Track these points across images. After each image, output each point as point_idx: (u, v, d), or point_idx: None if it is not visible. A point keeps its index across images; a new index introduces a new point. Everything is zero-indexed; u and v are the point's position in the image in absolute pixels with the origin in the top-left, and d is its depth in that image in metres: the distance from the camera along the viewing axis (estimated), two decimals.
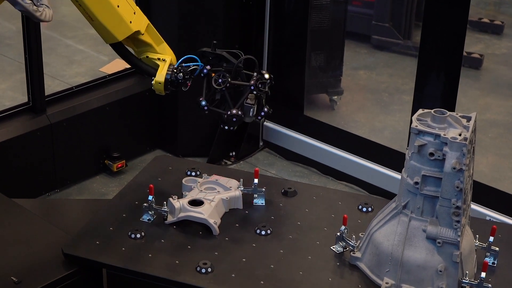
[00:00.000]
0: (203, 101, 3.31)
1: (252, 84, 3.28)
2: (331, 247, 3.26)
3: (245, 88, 3.32)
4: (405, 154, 3.01)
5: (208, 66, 3.34)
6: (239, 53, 3.37)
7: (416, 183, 2.92)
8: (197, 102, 3.32)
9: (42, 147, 5.13)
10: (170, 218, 3.37)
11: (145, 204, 3.40)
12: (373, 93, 6.88)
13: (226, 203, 3.48)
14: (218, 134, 5.69)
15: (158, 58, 3.34)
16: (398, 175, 4.27)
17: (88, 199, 5.07)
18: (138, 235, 3.29)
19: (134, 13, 3.24)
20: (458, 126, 2.93)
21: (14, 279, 3.10)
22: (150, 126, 5.78)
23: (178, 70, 3.30)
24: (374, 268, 3.07)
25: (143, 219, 3.40)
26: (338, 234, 3.22)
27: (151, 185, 3.38)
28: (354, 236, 3.21)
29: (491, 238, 3.16)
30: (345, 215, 3.18)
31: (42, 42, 5.01)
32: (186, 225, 3.37)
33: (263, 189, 3.56)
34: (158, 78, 3.30)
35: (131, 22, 3.20)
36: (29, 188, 5.11)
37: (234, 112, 3.27)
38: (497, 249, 3.18)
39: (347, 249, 3.21)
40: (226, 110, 3.31)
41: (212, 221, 3.32)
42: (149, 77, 3.38)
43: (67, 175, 5.36)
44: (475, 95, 6.96)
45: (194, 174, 3.73)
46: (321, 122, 5.89)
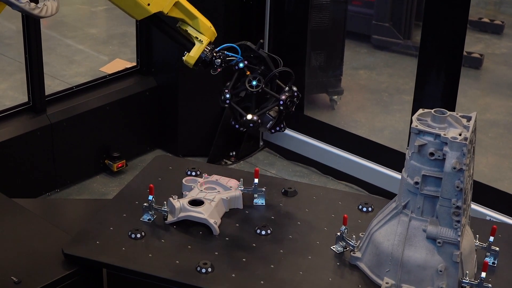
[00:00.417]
0: (228, 93, 3.21)
1: (282, 98, 3.18)
2: (331, 247, 3.25)
3: (271, 97, 3.23)
4: (405, 154, 3.00)
5: (245, 62, 3.24)
6: (279, 60, 3.26)
7: (416, 183, 2.92)
8: (220, 91, 3.22)
9: (42, 147, 5.13)
10: (170, 218, 3.37)
11: (145, 204, 3.40)
12: (373, 93, 6.88)
13: (226, 203, 3.48)
14: (218, 134, 5.69)
15: (196, 37, 3.27)
16: (398, 175, 4.27)
17: (88, 199, 5.08)
18: (138, 235, 3.29)
19: None
20: (458, 126, 2.93)
21: (14, 279, 3.09)
22: (150, 126, 5.78)
23: (217, 55, 3.23)
24: (374, 268, 3.07)
25: (143, 219, 3.40)
26: (338, 234, 3.22)
27: (151, 185, 3.38)
28: (354, 236, 3.21)
29: (491, 238, 3.16)
30: (345, 215, 3.18)
31: (42, 41, 5.01)
32: (186, 225, 3.37)
33: (263, 189, 3.56)
34: (189, 59, 3.24)
35: (149, 5, 3.11)
36: (29, 188, 5.11)
37: (255, 118, 3.19)
38: (497, 249, 3.18)
39: (347, 249, 3.21)
40: (246, 112, 3.22)
41: (212, 221, 3.32)
42: (184, 50, 3.31)
43: (67, 175, 5.36)
44: (475, 95, 6.96)
45: (194, 174, 3.73)
46: (321, 122, 5.89)
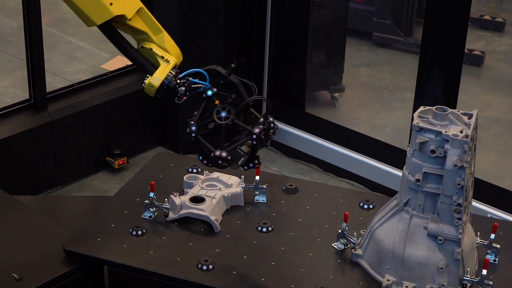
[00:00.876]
0: (194, 125, 2.87)
1: (256, 132, 2.83)
2: (332, 244, 3.26)
3: (244, 131, 2.90)
4: (406, 151, 3.00)
5: (215, 89, 2.90)
6: (253, 86, 2.91)
7: (417, 180, 2.92)
8: (185, 123, 2.90)
9: (44, 144, 5.13)
10: (171, 215, 3.37)
11: (146, 201, 3.40)
12: (374, 90, 6.88)
13: (227, 200, 3.48)
14: None
15: (162, 56, 2.90)
16: (399, 172, 4.27)
17: (89, 196, 5.07)
18: (140, 232, 3.29)
19: None
20: (459, 123, 2.93)
21: (15, 276, 3.10)
22: (151, 123, 5.78)
23: (182, 82, 2.87)
24: (375, 265, 3.07)
25: (144, 216, 3.40)
26: (339, 231, 3.22)
27: (153, 182, 3.38)
28: (355, 233, 3.21)
29: (492, 236, 3.16)
30: (346, 212, 3.18)
31: (43, 39, 5.01)
32: (187, 222, 3.37)
33: (264, 186, 3.56)
34: (153, 81, 2.86)
35: (112, 4, 2.79)
36: (30, 185, 5.12)
37: (224, 155, 2.84)
38: (498, 246, 3.18)
39: (348, 246, 3.21)
40: (214, 147, 2.89)
41: (213, 218, 3.32)
42: (144, 72, 2.92)
43: (69, 172, 5.36)
44: (477, 92, 6.95)
45: (195, 171, 3.73)
46: (322, 119, 5.89)
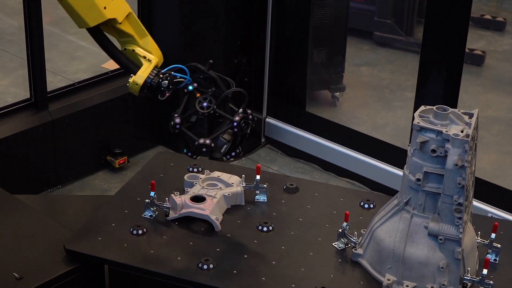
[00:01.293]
0: (178, 118, 3.04)
1: (236, 120, 3.01)
2: (333, 244, 3.26)
3: (225, 121, 3.07)
4: (407, 150, 3.00)
5: (195, 84, 3.08)
6: (231, 82, 3.10)
7: (418, 180, 2.92)
8: (169, 117, 3.05)
9: (44, 143, 5.14)
10: (172, 214, 3.38)
11: (147, 200, 3.41)
12: (375, 89, 6.88)
13: (228, 200, 3.48)
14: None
15: (144, 57, 3.06)
16: (400, 172, 4.27)
17: (90, 195, 5.08)
18: (140, 231, 3.29)
19: None
20: (460, 122, 2.93)
21: (16, 275, 3.10)
22: (152, 123, 5.78)
23: (164, 76, 3.03)
24: (376, 264, 3.07)
25: (145, 215, 3.41)
26: (340, 230, 3.22)
27: (153, 181, 3.38)
28: (356, 232, 3.21)
29: (493, 235, 3.16)
30: (347, 212, 3.18)
31: (44, 38, 5.01)
32: (188, 221, 3.37)
33: (265, 185, 3.56)
34: (137, 79, 3.01)
35: (106, 8, 2.93)
36: (31, 184, 5.12)
37: (208, 142, 3.00)
38: (498, 246, 3.18)
39: (349, 245, 3.21)
40: (198, 137, 3.05)
41: (214, 217, 3.32)
42: (127, 73, 3.07)
43: (69, 171, 5.36)
44: (477, 92, 6.95)
45: (196, 170, 3.73)
46: (323, 118, 5.89)
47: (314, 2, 5.93)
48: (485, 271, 2.95)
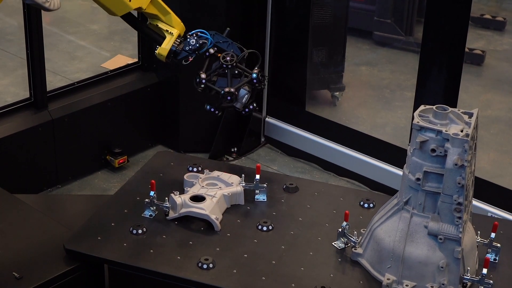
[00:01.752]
0: (203, 74, 3.42)
1: (255, 72, 3.43)
2: (333, 243, 3.26)
3: (244, 75, 3.47)
4: (406, 150, 3.00)
5: (215, 48, 3.48)
6: (243, 48, 3.52)
7: (417, 179, 2.92)
8: (195, 75, 3.41)
9: (44, 143, 5.13)
10: (171, 214, 3.38)
11: (146, 199, 3.41)
12: (375, 89, 6.88)
13: (227, 199, 3.48)
14: (220, 129, 5.69)
15: (166, 30, 3.46)
16: (399, 171, 4.27)
17: (89, 195, 5.08)
18: (140, 231, 3.29)
19: None
20: (460, 122, 2.93)
21: (16, 275, 3.10)
22: (151, 122, 5.78)
23: (192, 36, 3.46)
24: (376, 264, 3.07)
25: (145, 215, 3.41)
26: (340, 230, 3.22)
27: (153, 180, 3.38)
28: (355, 232, 3.21)
29: (493, 235, 3.16)
30: (346, 211, 3.18)
31: (44, 37, 5.01)
32: (188, 221, 3.37)
33: (265, 185, 3.56)
34: (161, 51, 3.45)
35: (131, 1, 3.28)
36: (30, 183, 5.12)
37: (232, 90, 3.39)
38: (498, 245, 3.18)
39: (349, 245, 3.21)
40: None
41: (213, 217, 3.32)
42: (157, 44, 3.49)
43: (69, 171, 5.36)
44: (477, 92, 6.95)
45: (195, 169, 3.73)
46: (322, 118, 5.89)
47: (314, 2, 5.93)
48: (485, 271, 2.95)
